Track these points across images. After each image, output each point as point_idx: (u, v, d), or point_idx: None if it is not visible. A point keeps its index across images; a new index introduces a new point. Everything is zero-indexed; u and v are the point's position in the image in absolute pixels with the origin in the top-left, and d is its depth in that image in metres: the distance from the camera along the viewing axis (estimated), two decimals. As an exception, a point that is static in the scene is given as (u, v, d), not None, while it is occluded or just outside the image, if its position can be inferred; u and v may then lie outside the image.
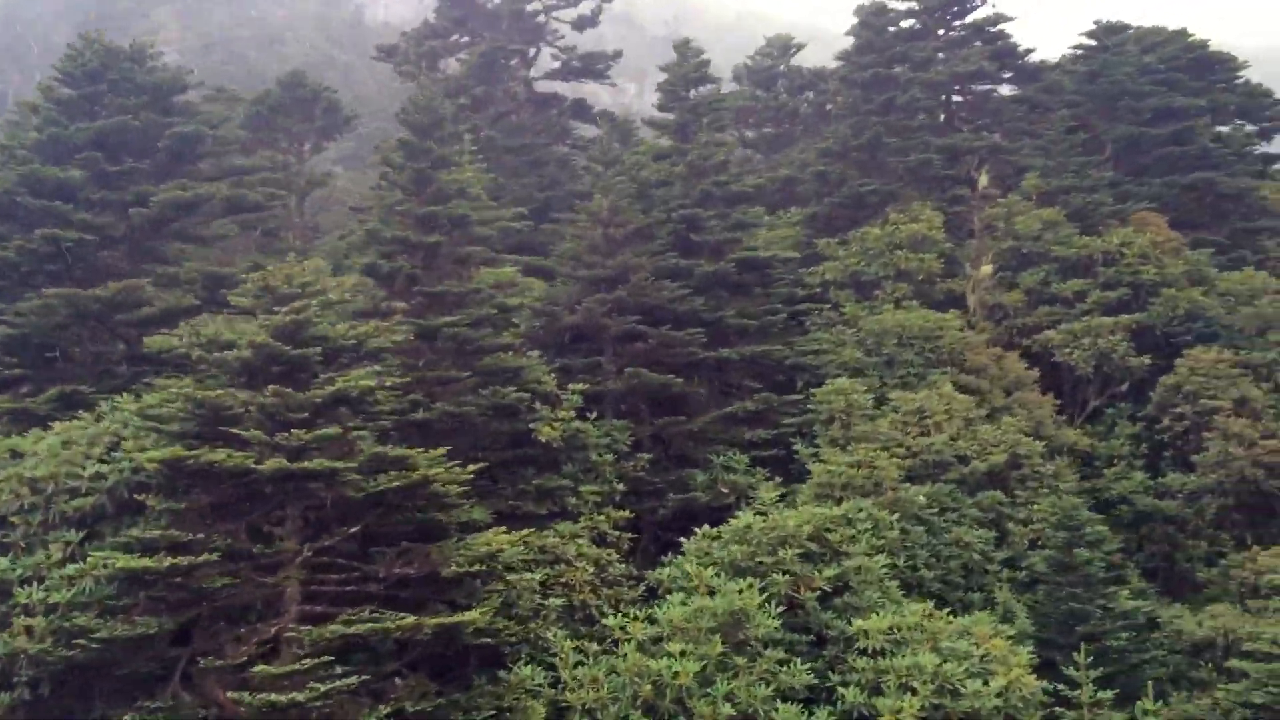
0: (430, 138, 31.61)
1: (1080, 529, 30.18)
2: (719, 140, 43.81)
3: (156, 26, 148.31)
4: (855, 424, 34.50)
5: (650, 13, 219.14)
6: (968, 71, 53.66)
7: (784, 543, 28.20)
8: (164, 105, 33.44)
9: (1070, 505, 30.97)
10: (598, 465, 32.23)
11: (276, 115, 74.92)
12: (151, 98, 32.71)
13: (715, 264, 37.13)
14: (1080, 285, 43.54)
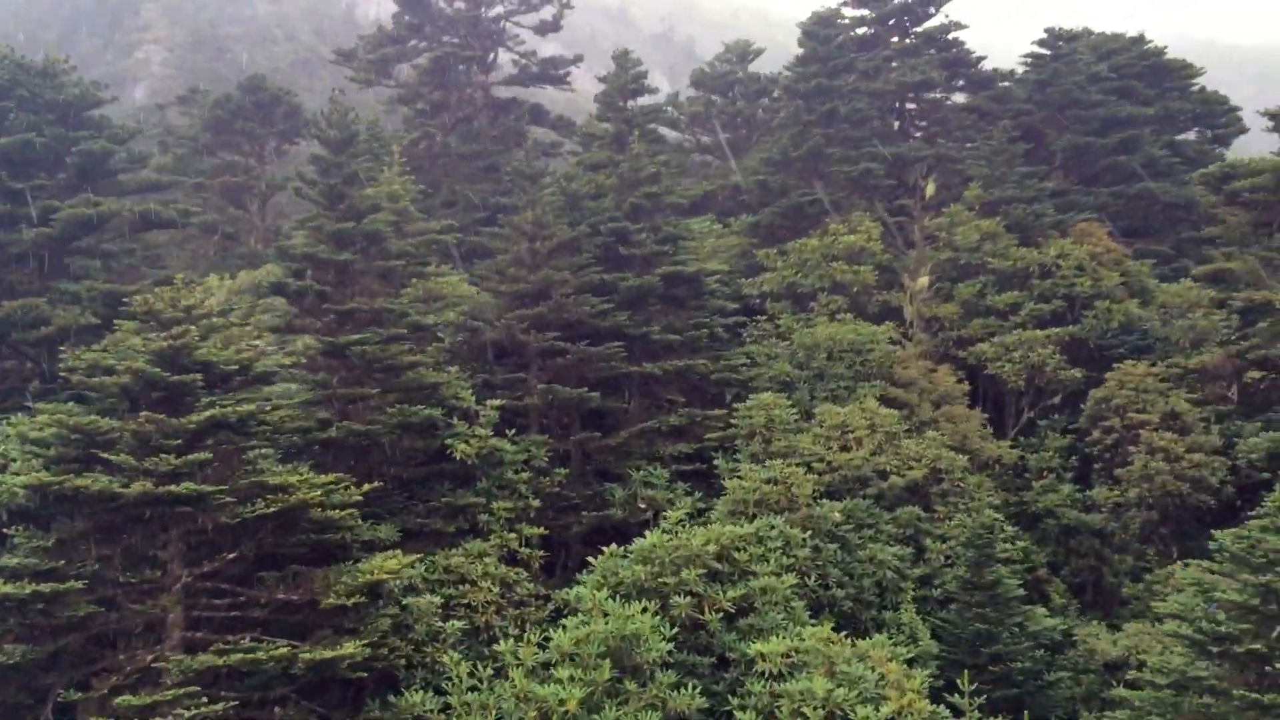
0: (344, 153, 31.42)
1: (989, 547, 30.06)
2: (654, 151, 43.71)
3: (146, 23, 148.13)
4: (776, 439, 34.40)
5: (646, 9, 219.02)
6: (915, 80, 53.53)
7: (688, 562, 28.19)
8: (75, 121, 33.17)
9: (981, 523, 30.87)
10: (513, 481, 32.07)
11: (236, 119, 74.69)
12: (61, 114, 32.43)
13: (642, 278, 36.95)
14: (1015, 297, 43.54)
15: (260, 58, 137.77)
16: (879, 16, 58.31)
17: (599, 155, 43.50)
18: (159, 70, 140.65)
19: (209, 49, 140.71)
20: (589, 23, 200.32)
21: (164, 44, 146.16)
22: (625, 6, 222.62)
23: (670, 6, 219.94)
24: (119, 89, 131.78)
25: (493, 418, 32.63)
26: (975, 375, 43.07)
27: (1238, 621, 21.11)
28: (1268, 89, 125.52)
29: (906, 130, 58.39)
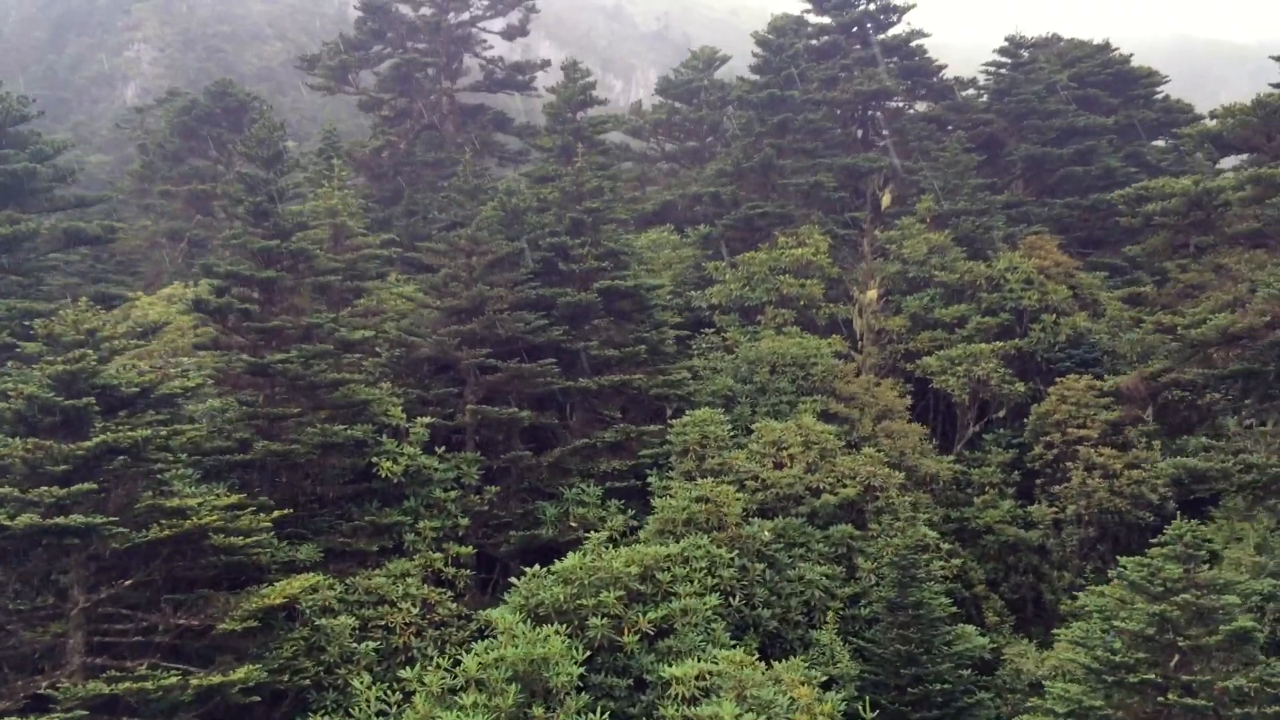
0: (271, 169, 31.27)
1: (914, 568, 29.94)
2: (604, 163, 43.59)
3: (136, 22, 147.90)
4: (709, 456, 34.26)
5: (643, 7, 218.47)
6: (872, 90, 53.42)
7: (608, 584, 28.07)
8: (1, 139, 32.97)
9: (907, 544, 30.74)
10: (441, 500, 31.94)
11: (203, 125, 74.45)
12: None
13: (580, 294, 36.83)
14: (962, 310, 43.44)
15: (251, 57, 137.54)
16: (839, 25, 58.21)
17: (547, 168, 43.32)
18: (149, 70, 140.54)
19: (199, 48, 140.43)
20: (584, 20, 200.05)
21: (154, 43, 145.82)
22: (622, 4, 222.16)
23: (668, 5, 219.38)
24: (109, 89, 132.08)
25: (422, 435, 32.54)
26: (925, 389, 43.01)
27: (1134, 650, 21.01)
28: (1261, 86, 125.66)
29: (870, 140, 58.26)
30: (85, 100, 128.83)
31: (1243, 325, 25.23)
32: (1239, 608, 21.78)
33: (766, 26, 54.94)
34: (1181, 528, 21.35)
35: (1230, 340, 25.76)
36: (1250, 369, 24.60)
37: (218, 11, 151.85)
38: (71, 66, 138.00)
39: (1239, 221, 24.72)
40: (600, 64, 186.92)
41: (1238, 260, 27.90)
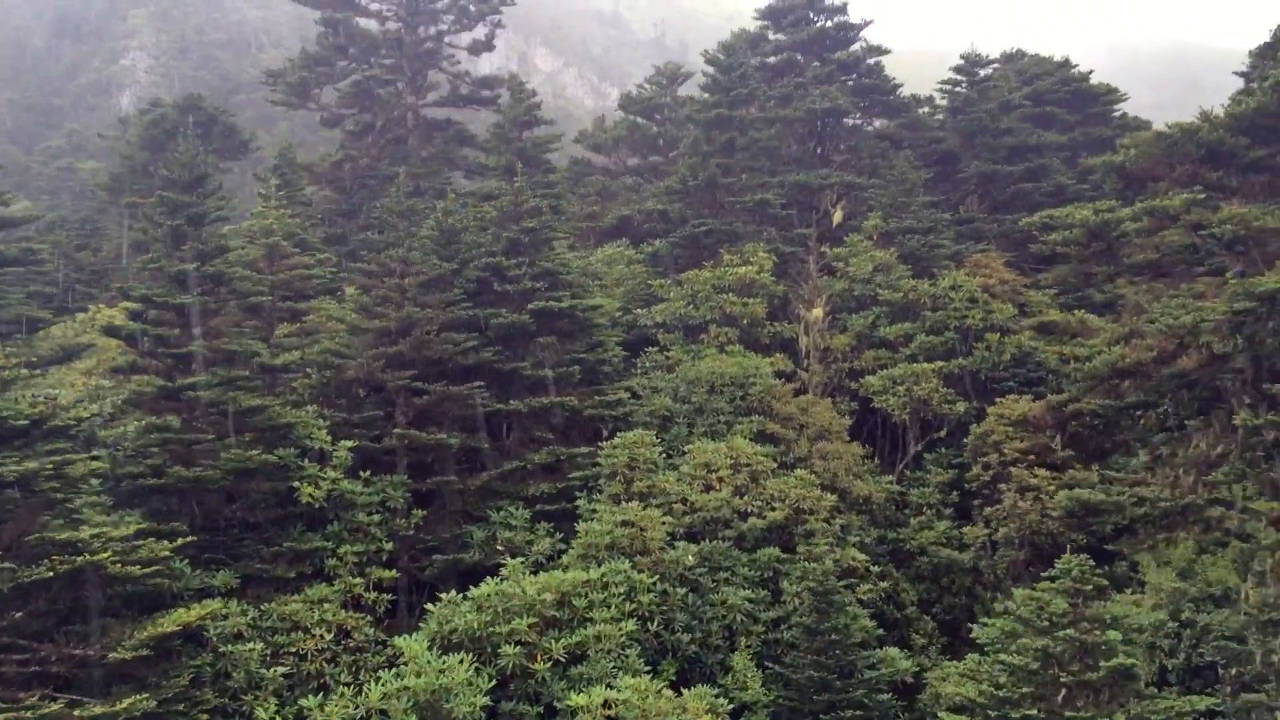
0: (192, 193, 31.24)
1: (834, 593, 29.89)
2: (550, 182, 43.60)
3: (132, 30, 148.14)
4: (638, 479, 34.21)
5: (641, 14, 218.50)
6: (824, 108, 53.48)
7: (521, 611, 28.05)
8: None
9: (825, 569, 30.68)
10: (364, 524, 31.88)
11: (170, 138, 74.39)
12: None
13: (514, 315, 36.81)
14: (906, 329, 43.44)
15: (247, 65, 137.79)
16: (795, 42, 58.30)
17: (489, 186, 43.32)
18: (144, 77, 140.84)
19: (195, 56, 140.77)
20: (581, 28, 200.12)
21: (150, 51, 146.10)
22: (619, 12, 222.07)
23: (665, 11, 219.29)
24: (105, 96, 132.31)
25: (345, 459, 32.47)
26: (870, 408, 42.98)
27: (1020, 685, 20.99)
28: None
29: (828, 156, 58.29)
30: (80, 107, 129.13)
31: (1130, 360, 25.21)
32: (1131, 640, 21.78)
33: (717, 46, 55.00)
34: (1071, 561, 21.33)
35: (1120, 375, 25.75)
36: (1146, 401, 24.58)
37: (214, 19, 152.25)
38: (67, 74, 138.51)
39: (1139, 252, 24.72)
40: (597, 72, 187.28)
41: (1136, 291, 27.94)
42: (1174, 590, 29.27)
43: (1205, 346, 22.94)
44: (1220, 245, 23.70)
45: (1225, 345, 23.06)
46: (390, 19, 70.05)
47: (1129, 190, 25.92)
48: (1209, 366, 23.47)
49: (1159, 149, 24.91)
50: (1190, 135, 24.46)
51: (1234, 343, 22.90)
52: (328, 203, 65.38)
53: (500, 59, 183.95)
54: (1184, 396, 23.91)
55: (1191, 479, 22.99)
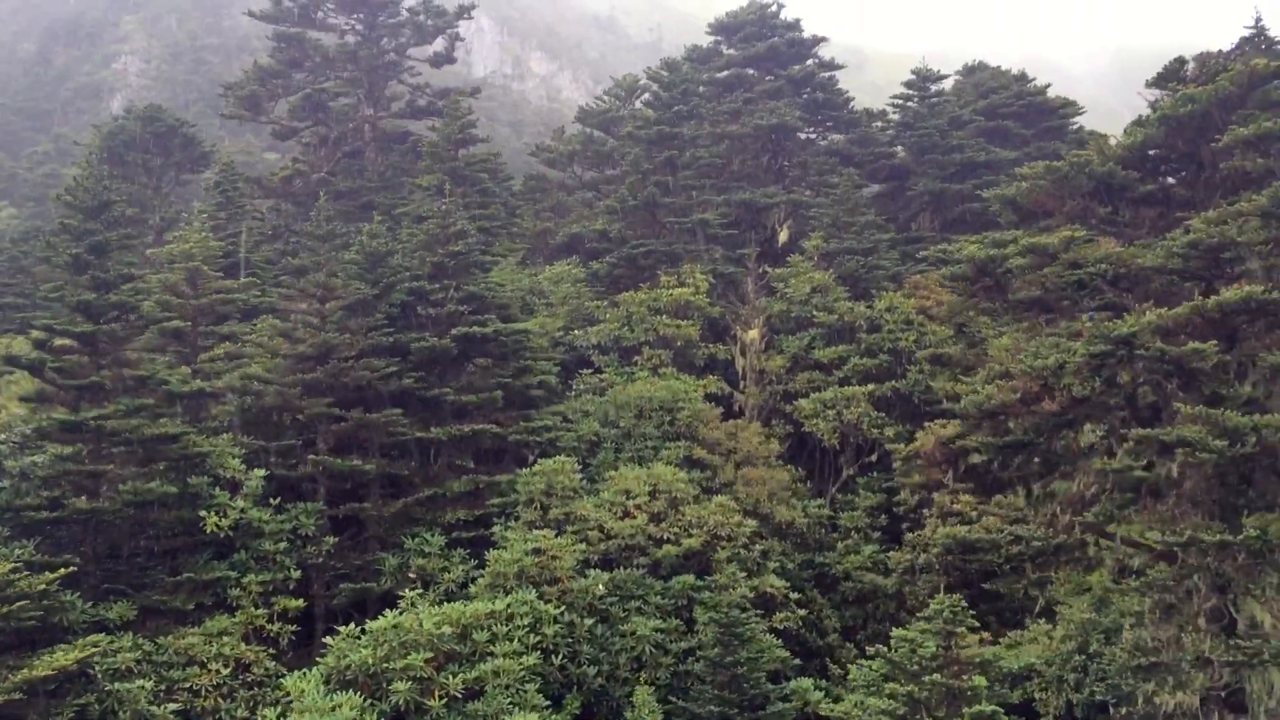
0: (96, 219, 30.98)
1: (738, 625, 29.62)
2: (485, 202, 43.38)
3: (124, 35, 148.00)
4: (554, 506, 33.97)
5: (637, 18, 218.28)
6: (772, 124, 53.28)
7: (417, 645, 27.75)
8: None
9: (731, 601, 30.41)
10: (271, 553, 31.61)
11: (130, 150, 74.15)
12: None
13: (437, 339, 36.55)
14: (840, 352, 43.22)
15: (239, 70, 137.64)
16: (745, 58, 58.13)
17: (422, 208, 43.06)
18: (136, 81, 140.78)
19: (187, 60, 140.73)
20: (576, 32, 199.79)
21: (141, 55, 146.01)
22: (615, 16, 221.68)
23: (661, 15, 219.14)
24: (96, 100, 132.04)
25: (256, 487, 32.22)
26: (801, 430, 42.76)
27: (889, 730, 20.75)
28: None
29: (782, 172, 58.08)
30: (71, 112, 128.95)
31: (995, 402, 24.99)
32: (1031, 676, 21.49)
33: (660, 63, 54.81)
34: (944, 601, 21.09)
35: (989, 415, 25.55)
36: (1022, 441, 24.38)
37: (207, 24, 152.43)
38: (58, 78, 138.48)
39: (1024, 288, 24.51)
40: (592, 76, 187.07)
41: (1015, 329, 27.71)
42: (1084, 621, 29.02)
43: (1066, 389, 22.74)
44: (1105, 282, 23.51)
45: (1084, 388, 22.85)
46: (349, 32, 69.87)
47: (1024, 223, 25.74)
48: (1072, 409, 23.26)
49: (1050, 182, 24.67)
50: (1081, 168, 24.22)
51: (1092, 386, 22.68)
52: (287, 217, 65.17)
53: (494, 62, 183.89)
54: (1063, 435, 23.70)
55: (1068, 517, 22.76)
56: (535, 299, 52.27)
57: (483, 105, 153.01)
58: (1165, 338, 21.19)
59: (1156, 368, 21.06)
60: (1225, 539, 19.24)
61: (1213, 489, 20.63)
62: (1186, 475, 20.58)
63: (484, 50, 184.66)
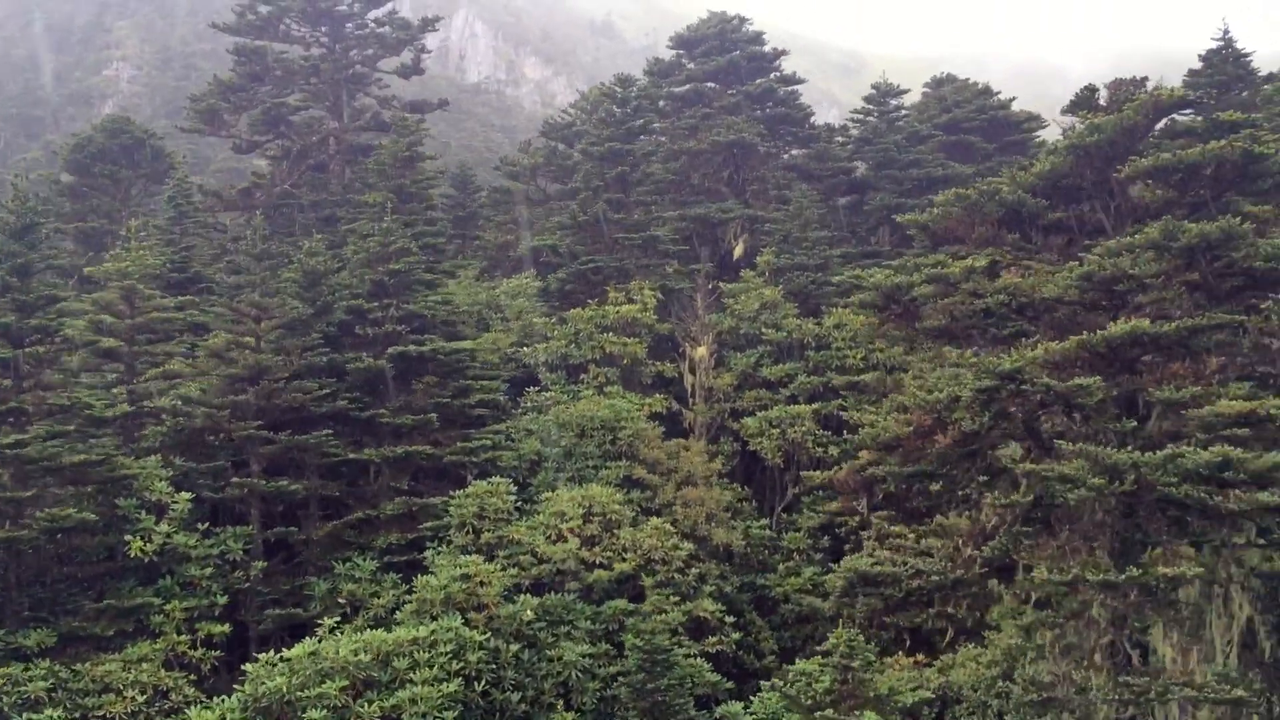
0: (22, 240, 30.80)
1: (660, 653, 29.44)
2: (432, 218, 43.24)
3: (116, 41, 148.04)
4: (486, 530, 33.77)
5: (633, 23, 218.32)
6: (729, 140, 53.17)
7: (332, 673, 27.56)
8: None
9: (652, 627, 30.25)
10: (196, 578, 31.42)
11: (95, 163, 73.88)
12: None
13: (374, 359, 36.40)
14: (788, 369, 43.02)
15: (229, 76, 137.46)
16: (705, 72, 58.05)
17: (367, 226, 42.83)
18: (127, 88, 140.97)
19: (177, 66, 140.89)
20: (572, 37, 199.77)
21: (133, 61, 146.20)
22: (612, 20, 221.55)
23: (657, 20, 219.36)
24: (87, 106, 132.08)
25: (183, 511, 32.02)
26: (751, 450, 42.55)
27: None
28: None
29: (743, 187, 57.91)
30: (62, 118, 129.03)
31: (889, 435, 24.85)
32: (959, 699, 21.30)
33: (613, 78, 54.71)
34: (842, 635, 20.93)
35: (885, 448, 25.40)
36: (926, 471, 24.24)
37: (198, 30, 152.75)
38: (49, 84, 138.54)
39: (932, 316, 24.38)
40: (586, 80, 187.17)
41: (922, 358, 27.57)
42: (1009, 647, 28.86)
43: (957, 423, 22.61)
44: (1011, 310, 23.39)
45: (974, 423, 22.71)
46: (314, 44, 69.69)
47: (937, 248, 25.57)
48: (965, 443, 23.12)
49: (960, 209, 24.56)
50: (990, 195, 24.12)
51: (981, 421, 22.55)
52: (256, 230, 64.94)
53: (488, 68, 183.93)
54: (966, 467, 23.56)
55: (970, 550, 22.61)
56: (491, 313, 52.12)
57: (476, 110, 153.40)
58: (1056, 371, 21.09)
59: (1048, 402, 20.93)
60: (1108, 579, 19.11)
61: (1104, 525, 20.48)
62: (1081, 510, 20.43)
63: (478, 55, 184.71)
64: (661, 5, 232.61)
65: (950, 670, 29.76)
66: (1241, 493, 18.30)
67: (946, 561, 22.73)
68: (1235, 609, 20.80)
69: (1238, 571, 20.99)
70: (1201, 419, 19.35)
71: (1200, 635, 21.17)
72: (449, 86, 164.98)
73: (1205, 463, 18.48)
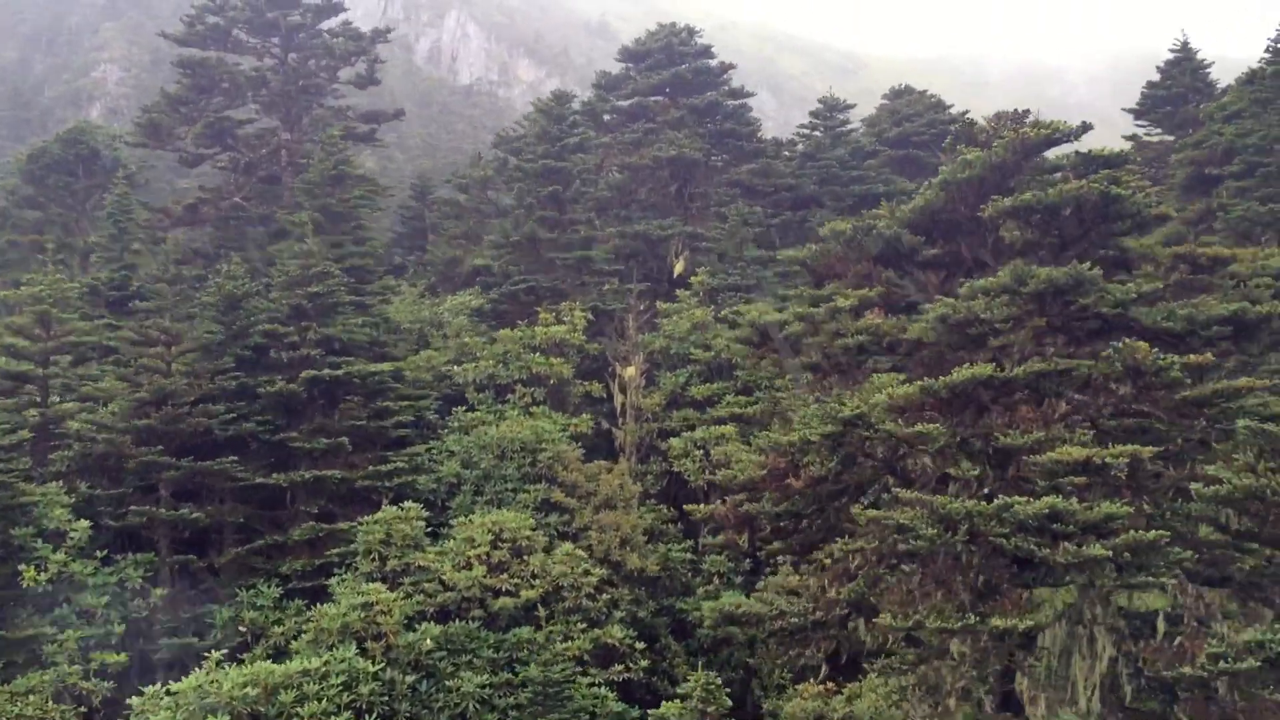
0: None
1: (551, 685, 29.22)
2: (359, 237, 43.03)
3: (104, 43, 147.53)
4: (393, 557, 33.52)
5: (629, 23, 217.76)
6: (670, 155, 52.99)
7: (219, 708, 27.31)
8: None
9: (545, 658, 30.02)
10: (93, 607, 31.15)
11: (51, 174, 73.59)
12: None
13: (285, 383, 36.14)
14: (715, 389, 42.80)
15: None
16: (650, 86, 57.87)
17: (294, 247, 42.64)
18: (115, 90, 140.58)
19: (165, 69, 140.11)
20: (566, 38, 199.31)
21: (121, 64, 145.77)
22: (607, 21, 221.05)
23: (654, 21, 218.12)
24: (75, 109, 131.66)
25: (81, 539, 31.76)
26: (676, 470, 42.31)
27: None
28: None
29: (685, 203, 57.78)
30: (50, 121, 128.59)
31: (744, 478, 24.67)
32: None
33: (550, 94, 54.49)
34: (700, 677, 20.71)
35: (743, 489, 25.22)
36: (794, 510, 24.05)
37: None
38: (38, 87, 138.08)
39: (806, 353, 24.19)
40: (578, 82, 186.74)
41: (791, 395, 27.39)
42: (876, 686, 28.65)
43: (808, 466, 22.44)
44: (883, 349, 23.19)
45: (822, 468, 22.52)
46: (267, 55, 69.43)
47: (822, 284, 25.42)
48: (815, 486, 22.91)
49: (838, 245, 24.37)
50: (867, 231, 23.91)
51: (829, 466, 22.35)
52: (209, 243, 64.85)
53: (480, 69, 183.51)
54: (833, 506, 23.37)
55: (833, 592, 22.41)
56: (433, 330, 51.92)
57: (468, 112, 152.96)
58: (903, 415, 20.87)
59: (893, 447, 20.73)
60: (946, 626, 18.89)
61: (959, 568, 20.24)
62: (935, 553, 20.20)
63: (470, 57, 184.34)
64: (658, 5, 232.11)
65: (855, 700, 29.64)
66: (1069, 545, 18.09)
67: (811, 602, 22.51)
68: (1099, 650, 20.60)
69: (1103, 612, 20.78)
70: (1043, 466, 19.14)
71: (1065, 677, 20.97)
72: (441, 88, 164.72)
73: (1034, 514, 18.28)
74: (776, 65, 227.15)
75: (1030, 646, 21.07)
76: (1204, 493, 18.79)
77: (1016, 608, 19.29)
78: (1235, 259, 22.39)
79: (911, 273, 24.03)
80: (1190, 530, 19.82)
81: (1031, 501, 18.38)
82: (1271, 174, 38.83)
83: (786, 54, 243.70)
